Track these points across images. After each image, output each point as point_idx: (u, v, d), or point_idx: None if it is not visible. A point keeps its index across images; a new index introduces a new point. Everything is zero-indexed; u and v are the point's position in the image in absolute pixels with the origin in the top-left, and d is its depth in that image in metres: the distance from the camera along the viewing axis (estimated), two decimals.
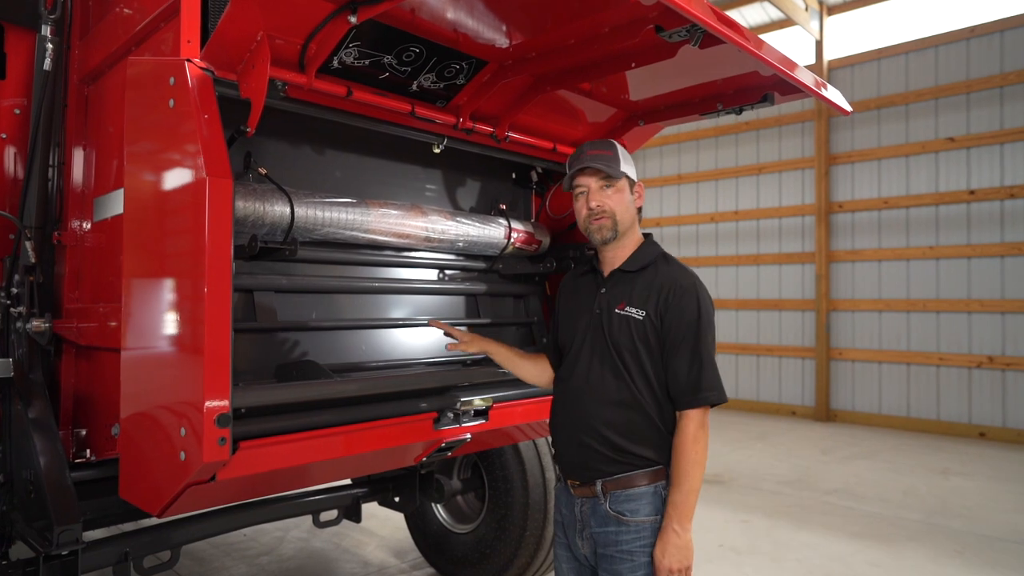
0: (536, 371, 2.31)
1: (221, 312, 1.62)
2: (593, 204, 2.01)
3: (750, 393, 10.04)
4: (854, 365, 9.05)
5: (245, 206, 2.07)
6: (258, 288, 2.28)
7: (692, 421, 1.93)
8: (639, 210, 2.13)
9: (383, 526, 4.89)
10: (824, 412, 9.18)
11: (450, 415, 2.29)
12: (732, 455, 7.19)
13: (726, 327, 10.22)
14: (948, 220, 8.37)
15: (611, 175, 2.00)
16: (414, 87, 2.26)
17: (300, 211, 2.20)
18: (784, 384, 9.72)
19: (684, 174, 10.84)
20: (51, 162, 2.77)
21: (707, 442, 1.95)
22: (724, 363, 10.20)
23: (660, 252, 2.10)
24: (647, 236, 2.15)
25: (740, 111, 2.50)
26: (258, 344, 2.28)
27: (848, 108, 2.49)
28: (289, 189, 2.22)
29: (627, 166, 2.06)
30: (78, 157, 2.77)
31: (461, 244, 2.80)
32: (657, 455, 1.98)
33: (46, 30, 2.72)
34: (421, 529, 4.14)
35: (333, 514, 3.66)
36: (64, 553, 2.32)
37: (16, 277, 2.76)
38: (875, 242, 8.92)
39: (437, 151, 2.54)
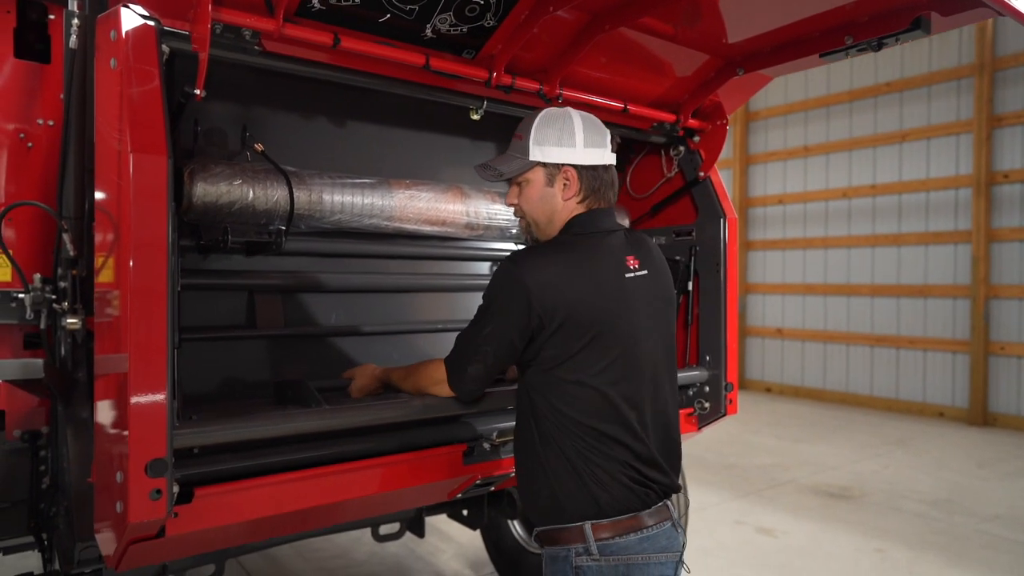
0: None
1: (151, 321, 1.27)
2: (507, 204, 1.77)
3: (887, 391, 8.87)
4: (1020, 362, 7.75)
5: (230, 191, 1.71)
6: (259, 289, 1.92)
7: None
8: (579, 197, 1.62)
9: (462, 532, 4.57)
10: (980, 415, 7.95)
11: (486, 446, 1.83)
12: (863, 463, 6.26)
13: (860, 316, 9.09)
14: None
15: (504, 173, 1.66)
16: (427, 32, 1.77)
17: (302, 195, 1.82)
18: (929, 381, 8.53)
19: (811, 145, 9.72)
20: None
21: None
22: (857, 355, 9.11)
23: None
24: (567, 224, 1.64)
25: (879, 45, 1.82)
26: (260, 355, 1.93)
27: None
28: (290, 169, 1.84)
29: (542, 148, 1.58)
30: None
31: (515, 231, 2.32)
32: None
33: (72, 3, 2.54)
34: (496, 544, 3.77)
35: (395, 527, 3.39)
36: (87, 572, 2.16)
37: (59, 271, 2.67)
38: None
39: (476, 118, 2.05)
